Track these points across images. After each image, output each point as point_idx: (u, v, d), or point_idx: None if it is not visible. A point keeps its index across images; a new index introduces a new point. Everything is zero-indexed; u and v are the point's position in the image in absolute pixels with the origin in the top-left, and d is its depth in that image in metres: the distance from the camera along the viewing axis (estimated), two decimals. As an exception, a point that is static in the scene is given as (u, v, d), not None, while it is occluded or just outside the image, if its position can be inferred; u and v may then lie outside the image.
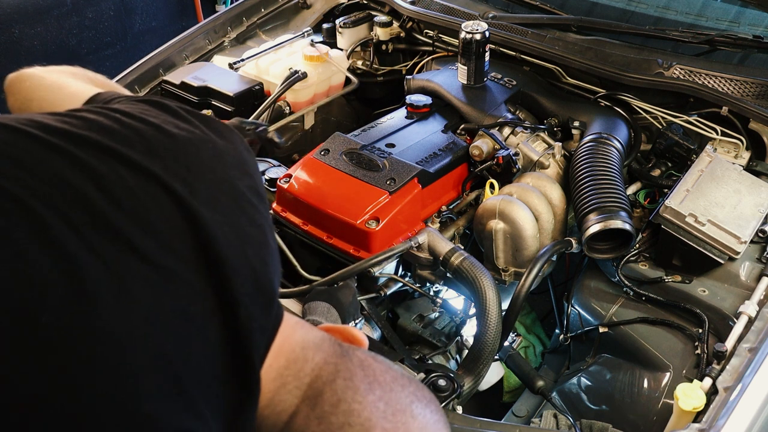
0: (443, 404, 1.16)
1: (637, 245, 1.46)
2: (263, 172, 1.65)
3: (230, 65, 1.95)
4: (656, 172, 1.62)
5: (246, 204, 0.71)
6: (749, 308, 1.25)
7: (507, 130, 1.66)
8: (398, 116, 1.75)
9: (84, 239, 0.56)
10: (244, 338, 0.64)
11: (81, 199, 0.58)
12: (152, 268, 0.60)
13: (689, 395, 1.11)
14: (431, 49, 2.03)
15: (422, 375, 1.22)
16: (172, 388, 0.58)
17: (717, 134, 1.58)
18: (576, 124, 1.64)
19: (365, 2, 2.20)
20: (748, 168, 1.53)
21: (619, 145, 1.55)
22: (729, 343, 1.20)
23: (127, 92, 0.92)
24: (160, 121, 0.70)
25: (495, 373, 1.68)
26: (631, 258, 1.45)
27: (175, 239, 0.62)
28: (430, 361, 1.45)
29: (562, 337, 1.54)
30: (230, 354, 0.63)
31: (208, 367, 0.62)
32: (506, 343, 1.50)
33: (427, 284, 1.54)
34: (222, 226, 0.65)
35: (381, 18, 2.09)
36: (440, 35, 2.01)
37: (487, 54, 1.75)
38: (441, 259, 1.40)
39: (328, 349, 0.70)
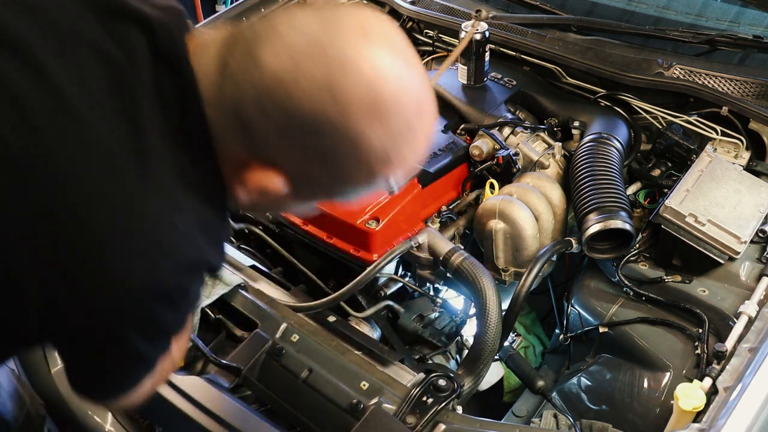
0: (443, 404, 1.16)
1: (637, 245, 1.46)
2: None
3: (230, 65, 1.95)
4: (656, 172, 1.62)
5: None
6: (749, 308, 1.25)
7: (507, 130, 1.66)
8: (398, 116, 1.74)
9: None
10: (168, 48, 0.77)
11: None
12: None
13: (689, 395, 1.11)
14: (431, 49, 2.03)
15: (422, 375, 1.22)
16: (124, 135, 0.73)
17: (717, 134, 1.58)
18: (576, 124, 1.64)
19: (365, 2, 2.20)
20: (748, 168, 1.52)
21: (619, 145, 1.55)
22: (729, 343, 1.20)
23: None
24: None
25: (495, 373, 1.68)
26: (631, 258, 1.45)
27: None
28: (430, 361, 1.45)
29: (562, 337, 1.54)
30: (163, 67, 0.77)
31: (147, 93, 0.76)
32: (506, 343, 1.50)
33: (427, 284, 1.54)
34: None
35: (381, 18, 2.09)
36: (440, 35, 2.00)
37: (487, 54, 1.75)
38: (441, 259, 1.40)
39: None
